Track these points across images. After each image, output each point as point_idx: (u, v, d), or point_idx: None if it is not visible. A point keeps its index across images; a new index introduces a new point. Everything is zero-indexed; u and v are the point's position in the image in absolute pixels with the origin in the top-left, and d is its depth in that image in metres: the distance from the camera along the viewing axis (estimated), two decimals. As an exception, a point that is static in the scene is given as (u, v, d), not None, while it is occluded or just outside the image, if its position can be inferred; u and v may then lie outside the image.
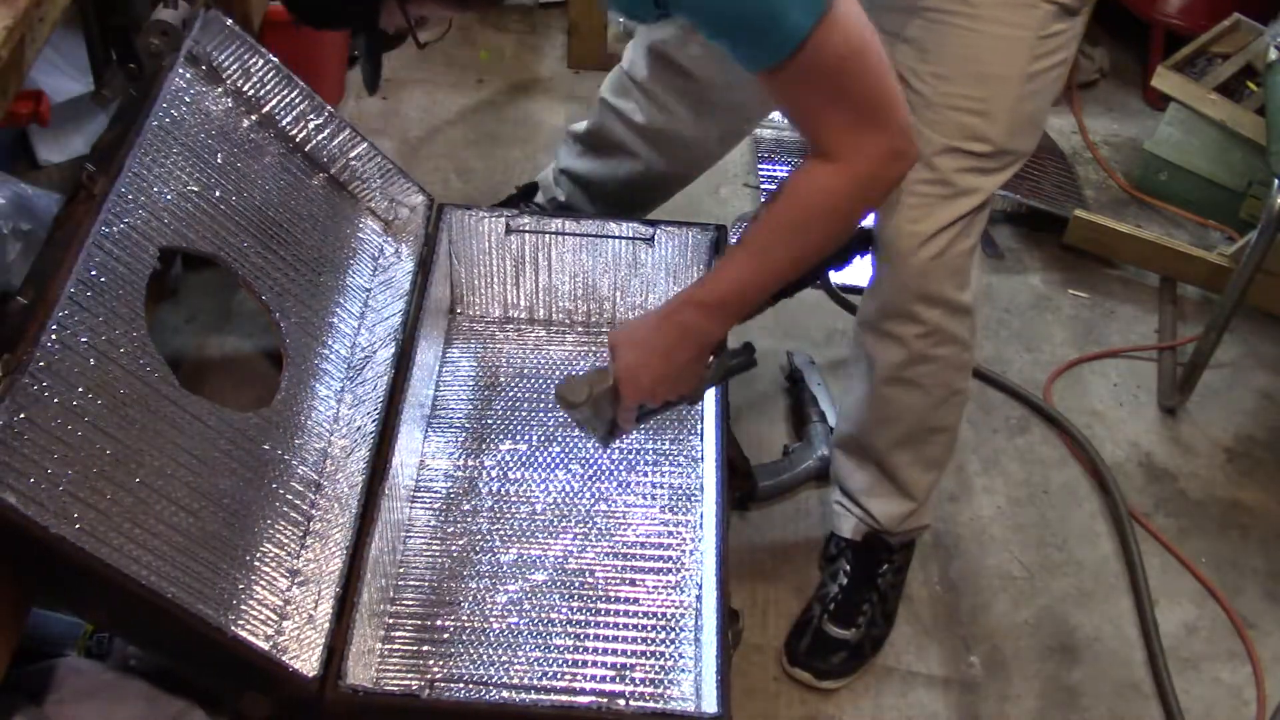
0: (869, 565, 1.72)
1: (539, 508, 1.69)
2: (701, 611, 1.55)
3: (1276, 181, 1.92)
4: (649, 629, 1.57)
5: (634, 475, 1.74)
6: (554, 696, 1.50)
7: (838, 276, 2.23)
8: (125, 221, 1.44)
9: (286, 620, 1.44)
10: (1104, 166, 2.60)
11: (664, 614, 1.58)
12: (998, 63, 1.38)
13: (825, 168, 1.25)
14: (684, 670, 1.52)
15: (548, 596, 1.59)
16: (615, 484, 1.73)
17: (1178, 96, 2.38)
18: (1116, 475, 1.97)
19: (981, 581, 1.84)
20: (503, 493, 1.71)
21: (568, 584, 1.61)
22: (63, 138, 2.16)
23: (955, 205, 1.43)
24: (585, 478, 1.73)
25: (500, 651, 1.54)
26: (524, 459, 1.75)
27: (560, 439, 1.77)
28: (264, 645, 1.38)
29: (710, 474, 1.63)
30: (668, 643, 1.55)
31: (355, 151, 1.82)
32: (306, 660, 1.38)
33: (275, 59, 1.72)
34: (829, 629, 1.69)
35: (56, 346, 1.27)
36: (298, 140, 1.77)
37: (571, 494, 1.71)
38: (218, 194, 1.61)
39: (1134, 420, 2.10)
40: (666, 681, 1.52)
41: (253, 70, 1.70)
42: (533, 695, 1.50)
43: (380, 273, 1.84)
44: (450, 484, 1.72)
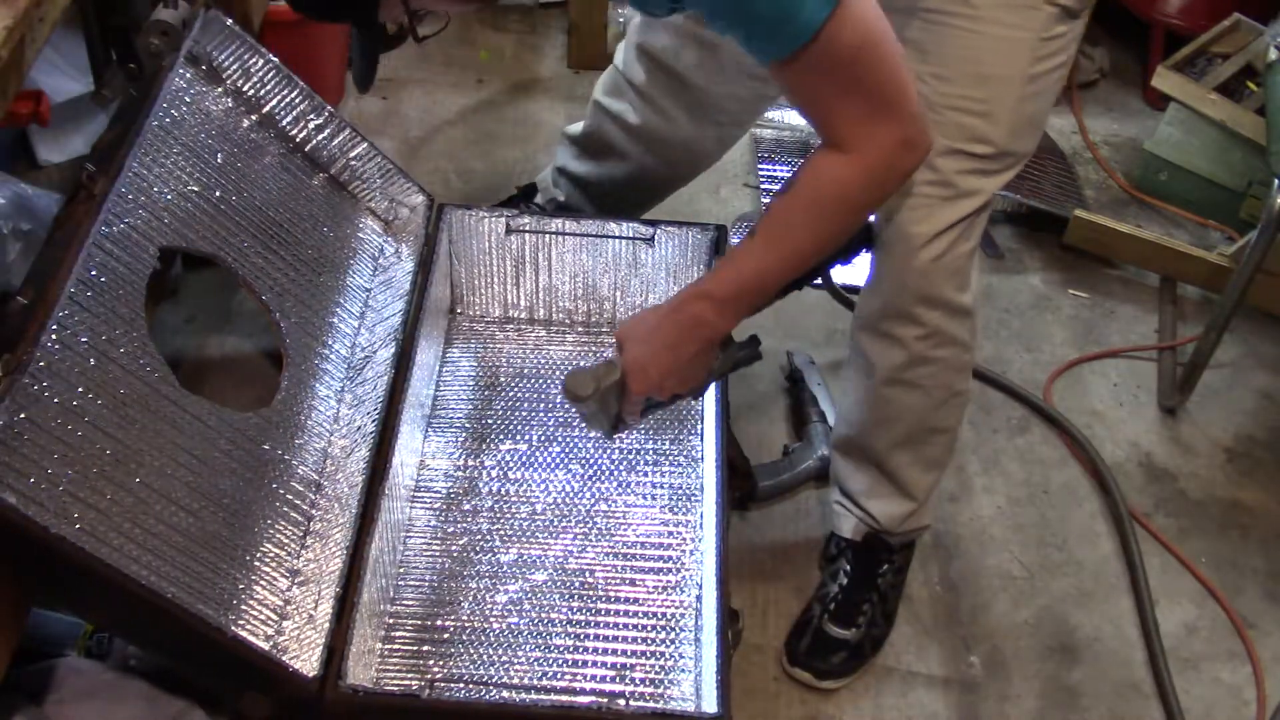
0: (869, 565, 1.72)
1: (539, 508, 1.69)
2: (701, 611, 1.55)
3: (1276, 181, 1.92)
4: (649, 629, 1.57)
5: (634, 475, 1.74)
6: (554, 696, 1.50)
7: (838, 275, 2.24)
8: (125, 221, 1.44)
9: (286, 620, 1.44)
10: (1104, 166, 2.60)
11: (664, 614, 1.58)
12: (999, 64, 1.38)
13: (838, 158, 1.24)
14: (684, 670, 1.52)
15: (548, 596, 1.59)
16: (615, 484, 1.73)
17: (1178, 96, 2.38)
18: (1116, 475, 1.97)
19: (981, 581, 1.84)
20: (503, 493, 1.71)
21: (568, 584, 1.61)
22: (63, 138, 2.16)
23: (957, 207, 1.43)
24: (585, 478, 1.73)
25: (500, 651, 1.54)
26: (524, 459, 1.75)
27: (560, 439, 1.77)
28: (264, 645, 1.38)
29: (710, 474, 1.62)
30: (668, 643, 1.55)
31: (355, 151, 1.82)
32: (306, 660, 1.38)
33: (275, 59, 1.71)
34: (829, 629, 1.69)
35: (56, 346, 1.27)
36: (298, 140, 1.77)
37: (571, 494, 1.71)
38: (218, 194, 1.61)
39: (1134, 420, 2.10)
40: (666, 681, 1.52)
41: (253, 70, 1.71)
42: (533, 695, 1.50)
43: (380, 273, 1.84)
44: (450, 484, 1.72)
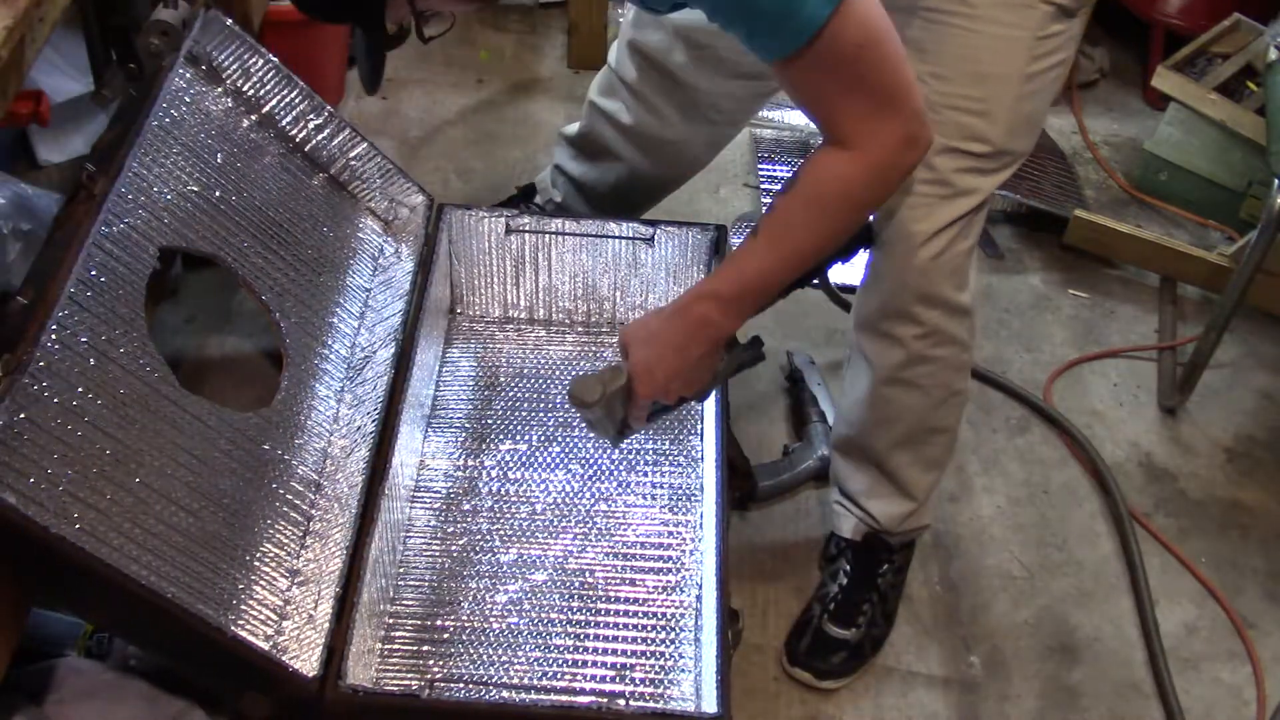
0: (869, 565, 1.72)
1: (539, 508, 1.69)
2: (701, 611, 1.55)
3: (1276, 181, 1.92)
4: (649, 629, 1.57)
5: (634, 475, 1.74)
6: (554, 696, 1.50)
7: (834, 275, 2.24)
8: (125, 221, 1.44)
9: (286, 620, 1.44)
10: (1104, 166, 2.60)
11: (664, 614, 1.58)
12: (996, 63, 1.38)
13: (840, 155, 1.25)
14: (684, 670, 1.52)
15: (548, 596, 1.59)
16: (615, 484, 1.73)
17: (1178, 96, 2.38)
18: (1116, 475, 1.97)
19: (981, 581, 1.84)
20: (503, 493, 1.71)
21: (568, 584, 1.61)
22: (63, 138, 2.16)
23: (955, 205, 1.43)
24: (585, 478, 1.73)
25: (500, 651, 1.54)
26: (524, 459, 1.75)
27: (560, 439, 1.77)
28: (264, 645, 1.38)
29: (710, 474, 1.62)
30: (668, 643, 1.55)
31: (355, 151, 1.82)
32: (306, 660, 1.38)
33: (275, 59, 1.72)
34: (829, 629, 1.69)
35: (56, 346, 1.27)
36: (298, 140, 1.77)
37: (571, 494, 1.71)
38: (218, 194, 1.61)
39: (1134, 420, 2.10)
40: (666, 681, 1.52)
41: (253, 70, 1.71)
42: (533, 695, 1.50)
43: (380, 273, 1.84)
44: (450, 484, 1.72)
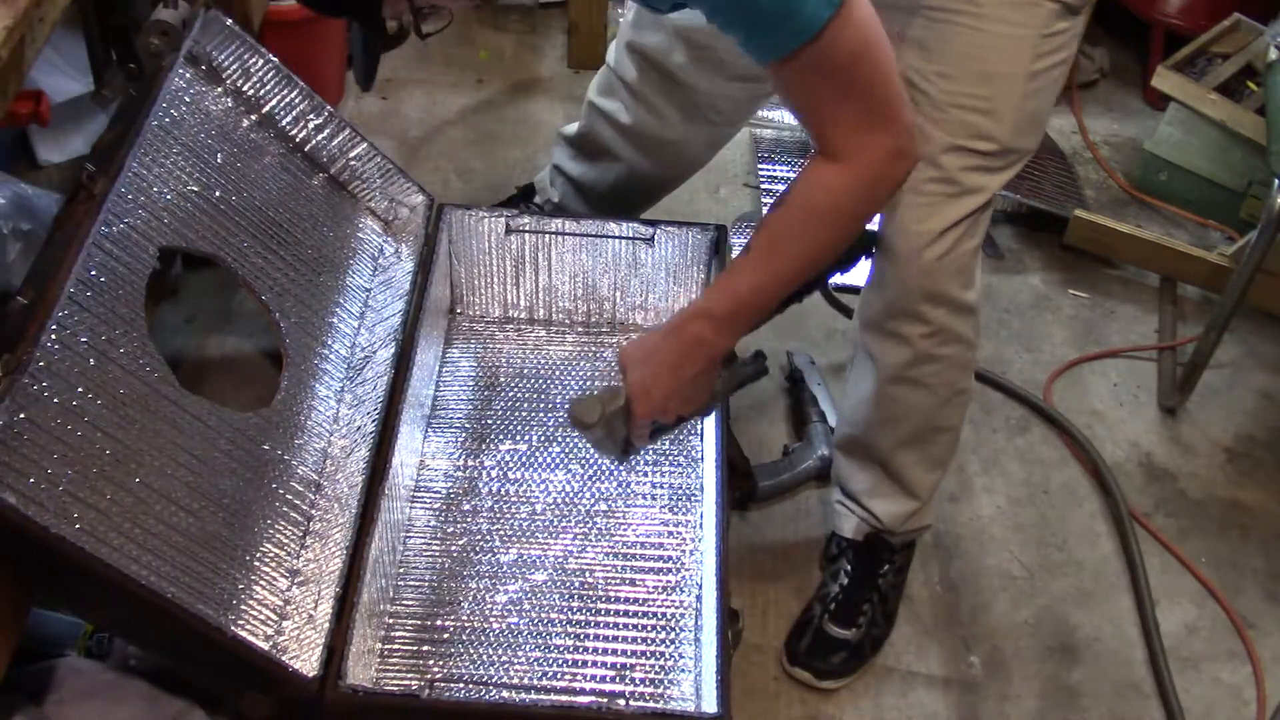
0: (870, 565, 1.72)
1: (539, 508, 1.69)
2: (701, 611, 1.55)
3: (1276, 181, 1.92)
4: (649, 629, 1.57)
5: (634, 475, 1.74)
6: (554, 696, 1.50)
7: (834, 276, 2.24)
8: (125, 221, 1.44)
9: (286, 620, 1.44)
10: (1104, 166, 2.60)
11: (664, 614, 1.58)
12: (1001, 61, 1.38)
13: (830, 168, 1.25)
14: (684, 670, 1.52)
15: (548, 596, 1.59)
16: (615, 484, 1.72)
17: (1178, 96, 2.38)
18: (1116, 475, 1.97)
19: (981, 581, 1.84)
20: (503, 493, 1.71)
21: (568, 584, 1.61)
22: (63, 138, 2.16)
23: (961, 204, 1.43)
24: (585, 478, 1.73)
25: (500, 651, 1.54)
26: (524, 459, 1.75)
27: (560, 439, 1.77)
28: (264, 645, 1.38)
29: (710, 474, 1.62)
30: (668, 643, 1.55)
31: (355, 151, 1.82)
32: (306, 660, 1.38)
33: (275, 59, 1.72)
34: (829, 629, 1.69)
35: (56, 346, 1.27)
36: (298, 140, 1.77)
37: (571, 494, 1.71)
38: (218, 194, 1.61)
39: (1134, 420, 2.10)
40: (666, 681, 1.52)
41: (253, 70, 1.71)
42: (533, 695, 1.50)
43: (380, 273, 1.84)
44: (450, 484, 1.72)
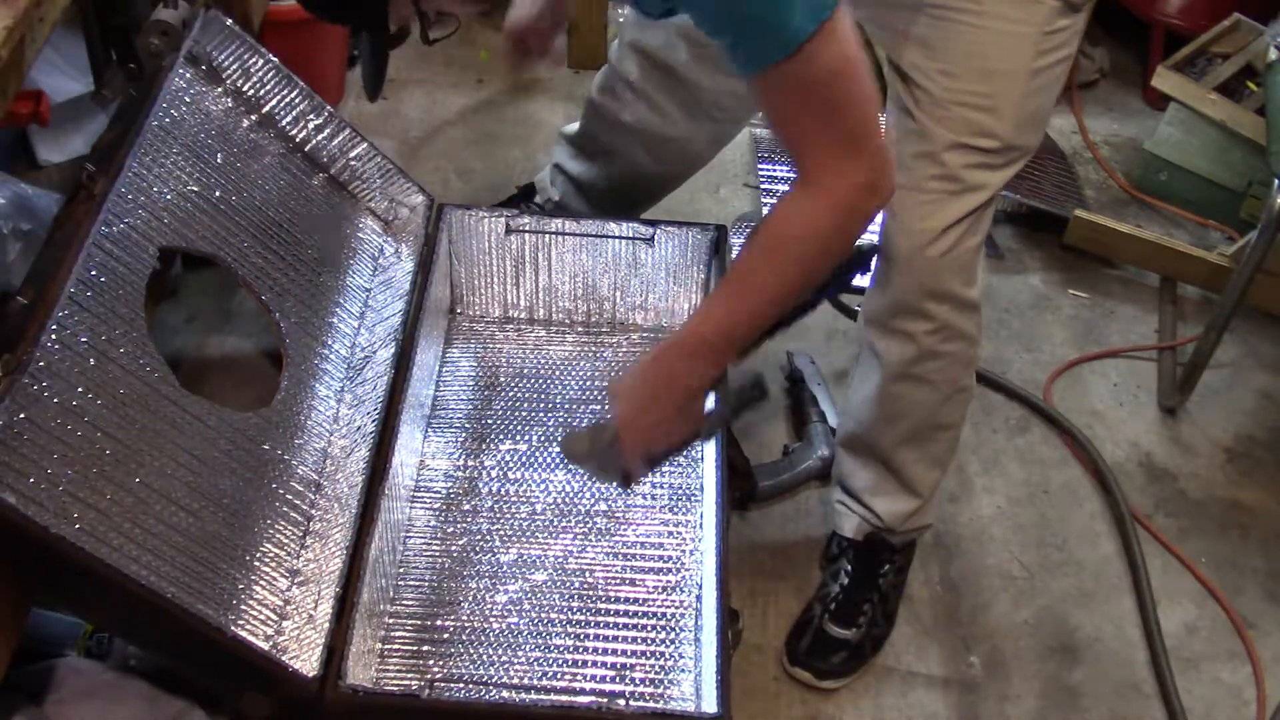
0: (871, 565, 1.72)
1: (539, 508, 1.69)
2: (701, 611, 1.55)
3: (1276, 181, 1.92)
4: (649, 629, 1.57)
5: (634, 475, 1.74)
6: (554, 696, 1.50)
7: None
8: (125, 221, 1.44)
9: (286, 620, 1.44)
10: (1104, 166, 2.60)
11: (664, 614, 1.58)
12: (1003, 59, 1.38)
13: (803, 199, 1.24)
14: (684, 670, 1.52)
15: (548, 596, 1.59)
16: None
17: (1178, 96, 2.38)
18: (1116, 475, 1.97)
19: (981, 581, 1.84)
20: (503, 493, 1.71)
21: (568, 584, 1.61)
22: (63, 138, 2.16)
23: (964, 201, 1.44)
24: (585, 478, 1.72)
25: (500, 651, 1.54)
26: (524, 459, 1.75)
27: (560, 439, 1.77)
28: (264, 645, 1.38)
29: (710, 474, 1.62)
30: (668, 643, 1.55)
31: (355, 151, 1.82)
32: (306, 660, 1.38)
33: (275, 59, 1.72)
34: (829, 629, 1.69)
35: (56, 346, 1.27)
36: (298, 140, 1.77)
37: (571, 494, 1.71)
38: (218, 194, 1.61)
39: (1134, 420, 2.10)
40: (666, 681, 1.52)
41: (253, 70, 1.71)
42: (533, 695, 1.50)
43: (380, 273, 1.84)
44: (450, 484, 1.72)
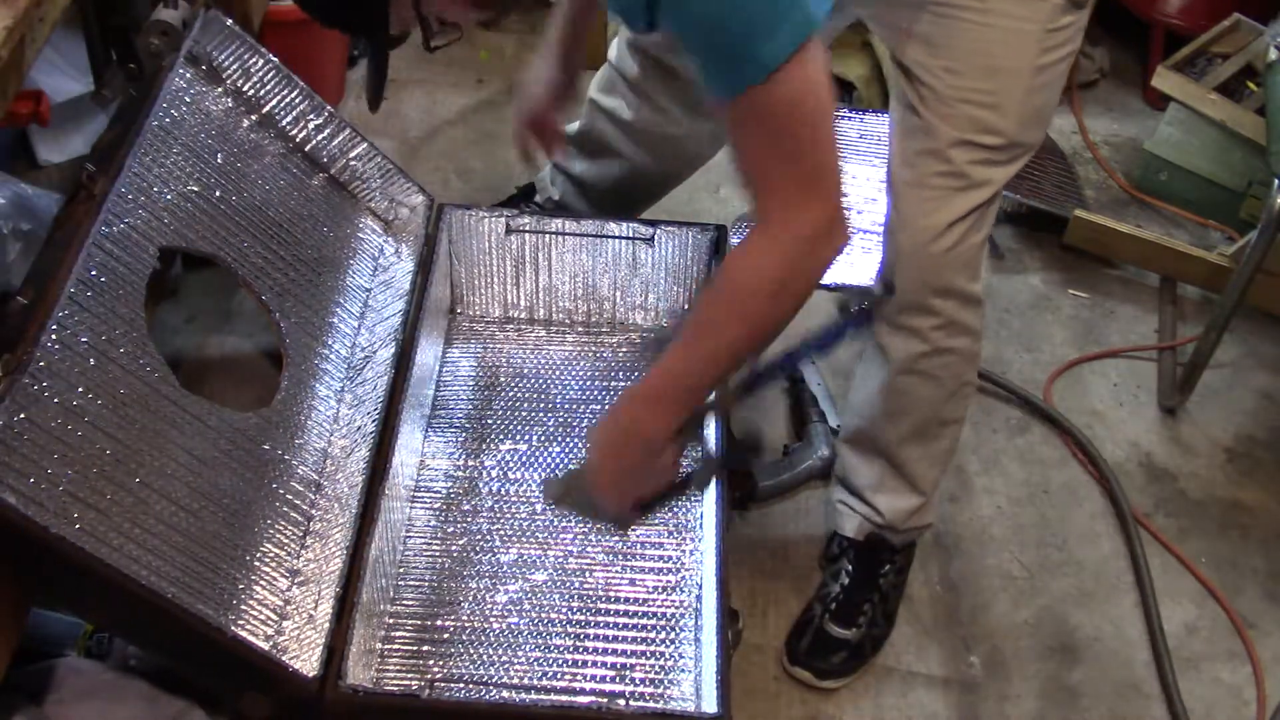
0: (871, 565, 1.72)
1: (539, 508, 1.69)
2: (701, 611, 1.55)
3: (1276, 181, 1.92)
4: (649, 629, 1.57)
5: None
6: (554, 696, 1.50)
7: (838, 276, 2.23)
8: (125, 221, 1.44)
9: (286, 620, 1.44)
10: (1104, 166, 2.60)
11: (664, 614, 1.58)
12: (1007, 56, 1.38)
13: (757, 245, 1.23)
14: (684, 670, 1.52)
15: (548, 596, 1.59)
16: (615, 484, 1.72)
17: (1178, 96, 2.38)
18: (1116, 475, 1.97)
19: (981, 581, 1.84)
20: (503, 493, 1.71)
21: (568, 584, 1.61)
22: (63, 138, 2.16)
23: (968, 197, 1.44)
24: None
25: (500, 651, 1.54)
26: (524, 459, 1.75)
27: (560, 439, 1.77)
28: (264, 645, 1.38)
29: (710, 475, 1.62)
30: (668, 643, 1.55)
31: (355, 151, 1.82)
32: (306, 660, 1.38)
33: (275, 59, 1.71)
34: (830, 628, 1.69)
35: (56, 346, 1.27)
36: (298, 140, 1.77)
37: (571, 494, 1.71)
38: (218, 194, 1.61)
39: (1134, 420, 2.10)
40: (666, 681, 1.52)
41: (253, 70, 1.70)
42: (533, 695, 1.50)
43: (380, 273, 1.84)
44: (450, 484, 1.72)
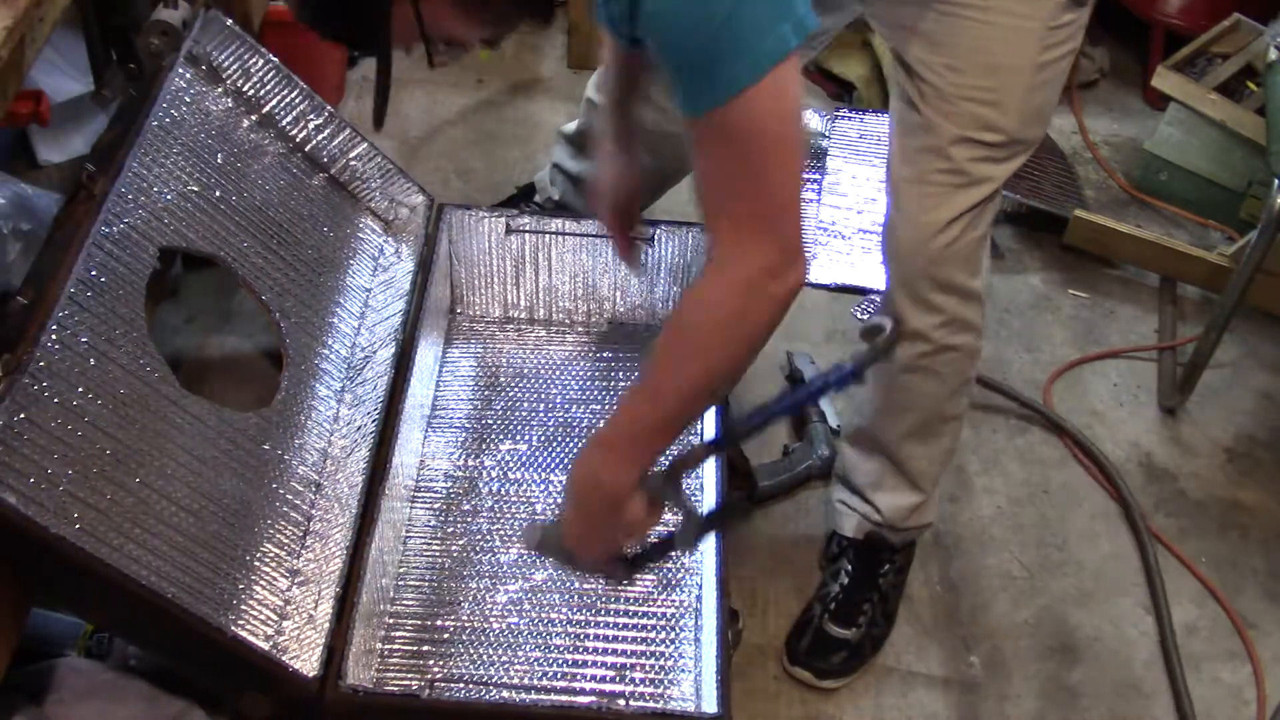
0: (871, 565, 1.72)
1: (539, 508, 1.69)
2: (701, 611, 1.55)
3: (1276, 181, 1.92)
4: (649, 629, 1.57)
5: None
6: (554, 696, 1.50)
7: (839, 276, 2.24)
8: (125, 221, 1.44)
9: (286, 620, 1.44)
10: (1104, 166, 2.60)
11: (664, 614, 1.58)
12: (1008, 53, 1.38)
13: (706, 281, 1.21)
14: (684, 670, 1.52)
15: (548, 596, 1.59)
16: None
17: (1178, 96, 2.38)
18: (1113, 469, 1.97)
19: (981, 581, 1.84)
20: (503, 493, 1.71)
21: (568, 584, 1.61)
22: (63, 138, 2.16)
23: (969, 194, 1.44)
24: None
25: (500, 651, 1.54)
26: (524, 459, 1.75)
27: (560, 439, 1.77)
28: (264, 645, 1.38)
29: (710, 474, 1.62)
30: (668, 643, 1.55)
31: (355, 151, 1.82)
32: (306, 660, 1.38)
33: (275, 59, 1.72)
34: (829, 628, 1.69)
35: (56, 346, 1.27)
36: (298, 140, 1.77)
37: (571, 494, 1.71)
38: (218, 194, 1.61)
39: (1134, 420, 2.10)
40: (666, 681, 1.52)
41: (253, 70, 1.71)
42: (533, 695, 1.50)
43: (380, 273, 1.84)
44: (450, 484, 1.72)
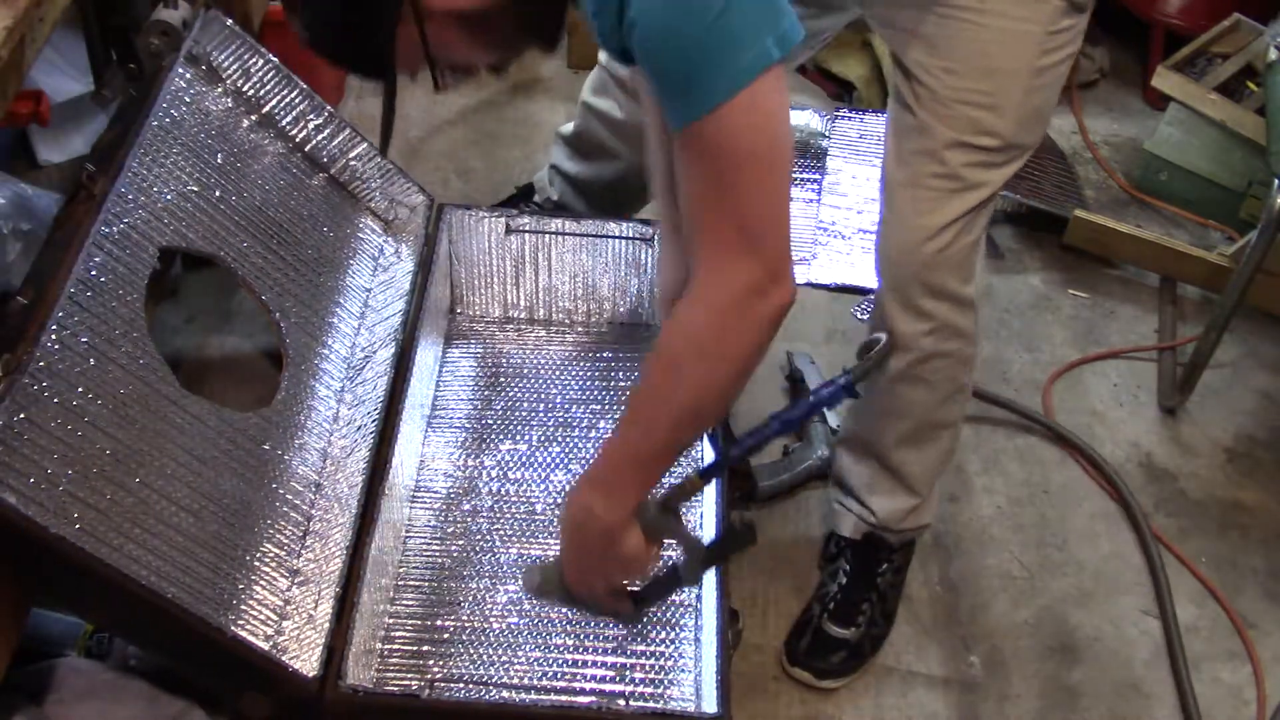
0: (868, 564, 1.72)
1: (539, 508, 1.69)
2: (701, 611, 1.55)
3: (1276, 181, 1.92)
4: (649, 629, 1.56)
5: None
6: (554, 696, 1.50)
7: (839, 276, 2.24)
8: (125, 221, 1.44)
9: (286, 620, 1.44)
10: (1104, 166, 2.60)
11: (664, 614, 1.58)
12: (1006, 58, 1.38)
13: (689, 306, 1.20)
14: (684, 670, 1.52)
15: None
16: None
17: (1178, 96, 2.38)
18: (1116, 475, 1.97)
19: (981, 581, 1.84)
20: (503, 493, 1.71)
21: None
22: (63, 138, 2.16)
23: (963, 199, 1.43)
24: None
25: (500, 651, 1.54)
26: (524, 459, 1.75)
27: (560, 439, 1.77)
28: (264, 645, 1.38)
29: (710, 493, 1.62)
30: (668, 643, 1.55)
31: (355, 151, 1.82)
32: (306, 660, 1.38)
33: (275, 59, 1.72)
34: (829, 628, 1.69)
35: (56, 346, 1.27)
36: (298, 140, 1.77)
37: (571, 494, 1.71)
38: (218, 194, 1.61)
39: (1134, 420, 2.10)
40: (666, 681, 1.52)
41: (253, 70, 1.71)
42: (533, 695, 1.50)
43: (380, 273, 1.84)
44: (450, 484, 1.72)
